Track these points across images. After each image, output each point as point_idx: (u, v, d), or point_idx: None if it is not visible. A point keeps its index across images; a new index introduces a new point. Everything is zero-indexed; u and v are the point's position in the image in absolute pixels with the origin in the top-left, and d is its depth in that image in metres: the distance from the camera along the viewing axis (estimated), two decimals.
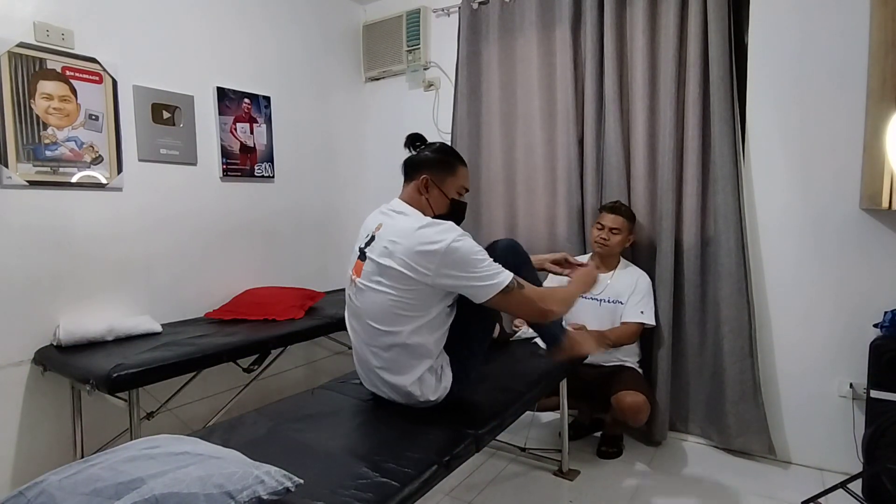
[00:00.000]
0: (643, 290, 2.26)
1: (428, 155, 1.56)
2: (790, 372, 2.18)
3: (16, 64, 1.86)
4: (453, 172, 1.56)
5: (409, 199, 1.53)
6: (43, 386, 1.96)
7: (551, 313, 1.47)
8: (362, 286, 1.45)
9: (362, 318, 1.47)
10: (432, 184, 1.52)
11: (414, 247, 1.34)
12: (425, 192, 1.52)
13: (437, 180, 1.52)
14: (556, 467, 2.16)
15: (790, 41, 2.08)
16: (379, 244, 1.42)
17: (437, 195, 1.53)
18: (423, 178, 1.51)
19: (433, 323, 1.43)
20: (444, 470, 1.24)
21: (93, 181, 2.08)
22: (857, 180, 1.99)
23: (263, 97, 2.74)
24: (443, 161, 1.55)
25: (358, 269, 1.49)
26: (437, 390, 1.47)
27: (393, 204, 1.54)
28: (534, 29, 2.61)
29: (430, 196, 1.52)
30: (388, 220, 1.47)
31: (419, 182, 1.51)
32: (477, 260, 1.35)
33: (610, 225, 2.25)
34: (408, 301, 1.38)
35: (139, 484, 0.90)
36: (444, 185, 1.54)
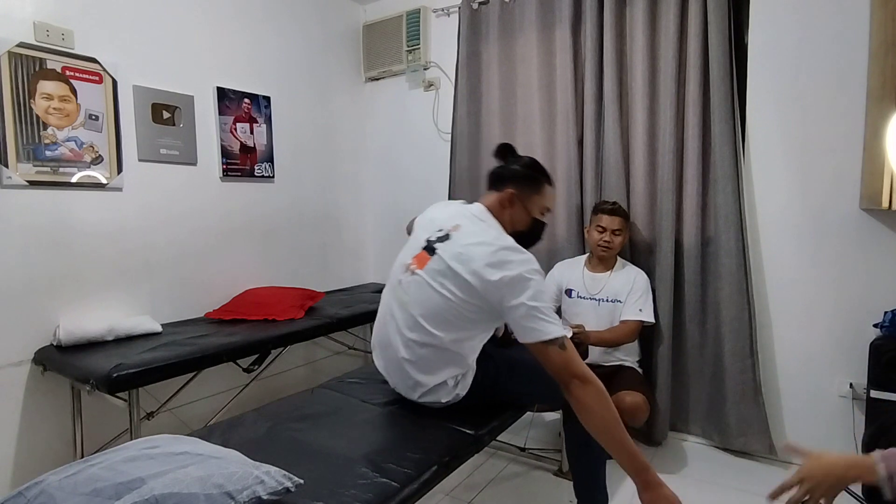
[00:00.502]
0: (641, 288, 2.26)
1: (517, 169, 1.53)
2: (790, 372, 2.18)
3: (16, 64, 1.86)
4: (540, 191, 1.53)
5: (492, 209, 1.50)
6: (43, 386, 1.96)
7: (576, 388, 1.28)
8: (422, 280, 1.40)
9: (408, 310, 1.43)
10: (517, 199, 1.49)
11: (490, 264, 1.31)
12: (509, 207, 1.49)
13: (522, 196, 1.50)
14: (556, 467, 2.16)
15: (790, 41, 2.08)
16: (454, 247, 1.38)
17: (520, 211, 1.51)
18: (510, 193, 1.48)
19: (478, 337, 1.43)
20: (443, 470, 1.24)
21: (93, 181, 2.08)
22: (857, 180, 1.99)
23: (263, 97, 2.74)
24: (531, 178, 1.52)
25: (422, 260, 1.43)
26: (450, 395, 1.46)
27: (474, 209, 1.50)
28: (534, 29, 2.61)
29: (513, 211, 1.50)
30: (468, 224, 1.43)
31: (504, 195, 1.49)
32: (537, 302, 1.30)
33: (611, 227, 2.24)
34: (465, 312, 1.36)
35: (139, 484, 0.90)
36: (529, 202, 1.51)
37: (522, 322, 1.29)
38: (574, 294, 2.35)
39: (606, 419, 1.27)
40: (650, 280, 2.31)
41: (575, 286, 2.36)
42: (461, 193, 2.87)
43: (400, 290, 1.47)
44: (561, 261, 2.50)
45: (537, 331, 1.28)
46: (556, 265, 2.48)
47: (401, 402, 1.55)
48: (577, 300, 2.34)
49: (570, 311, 2.37)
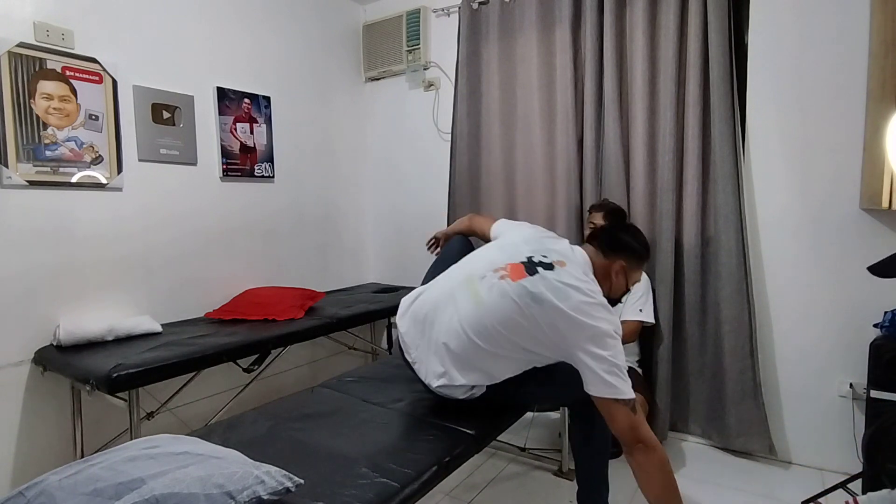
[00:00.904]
0: (641, 288, 2.25)
1: (634, 244, 1.54)
2: (790, 372, 2.18)
3: (16, 64, 1.86)
4: (640, 267, 1.57)
5: (598, 272, 1.49)
6: (43, 386, 1.96)
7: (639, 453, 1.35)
8: (509, 291, 1.37)
9: (479, 308, 1.40)
10: (624, 273, 1.51)
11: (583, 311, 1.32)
12: (614, 278, 1.51)
13: (629, 270, 1.52)
14: (556, 467, 2.16)
15: (790, 41, 2.08)
16: (556, 279, 1.37)
17: (621, 282, 1.53)
18: (622, 266, 1.50)
19: (521, 369, 1.44)
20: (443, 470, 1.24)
21: (93, 181, 2.08)
22: (857, 180, 1.99)
23: (263, 97, 2.74)
24: (641, 257, 1.55)
25: (517, 272, 1.41)
26: (467, 393, 1.46)
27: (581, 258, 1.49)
28: (534, 29, 2.61)
29: (617, 281, 1.52)
30: (575, 269, 1.42)
31: (617, 266, 1.50)
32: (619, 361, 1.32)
33: (601, 223, 2.23)
34: (528, 343, 1.37)
35: (139, 484, 0.90)
36: (631, 276, 1.54)
37: (603, 375, 1.29)
38: None
39: (666, 489, 1.34)
40: (650, 280, 2.31)
41: None
42: (461, 193, 2.87)
43: (480, 284, 1.44)
44: None
45: (615, 388, 1.29)
46: None
47: (401, 401, 1.55)
48: None
49: None
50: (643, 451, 1.32)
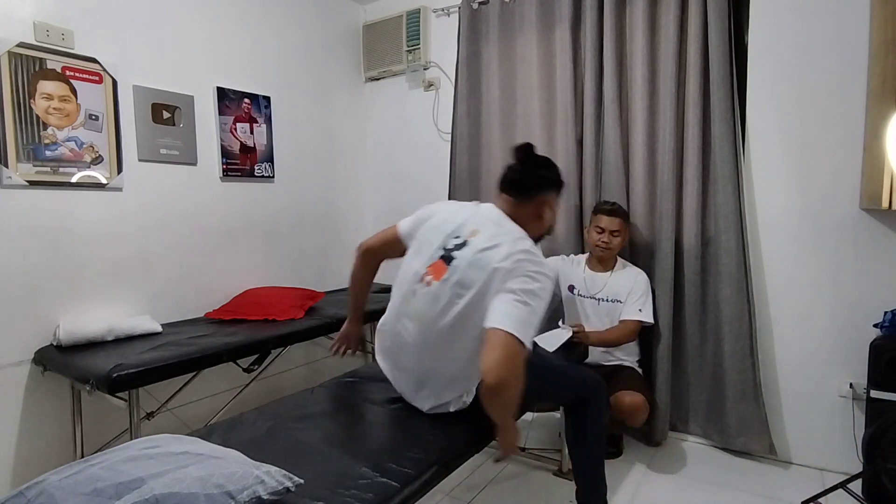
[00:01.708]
0: (641, 288, 2.26)
1: (549, 175, 1.49)
2: (790, 372, 2.18)
3: (16, 64, 1.86)
4: (561, 192, 1.54)
5: (521, 219, 1.43)
6: (43, 386, 1.96)
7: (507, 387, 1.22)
8: (439, 292, 1.35)
9: (424, 323, 1.38)
10: (549, 208, 1.48)
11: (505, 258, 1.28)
12: (542, 215, 1.47)
13: (551, 204, 1.50)
14: (556, 467, 2.16)
15: (790, 41, 2.08)
16: (471, 252, 1.33)
17: (549, 218, 1.51)
18: (545, 203, 1.47)
19: None
20: (443, 470, 1.24)
21: (93, 181, 2.08)
22: (857, 180, 1.99)
23: (263, 97, 2.74)
24: (560, 183, 1.52)
25: (438, 270, 1.37)
26: (458, 404, 1.46)
27: (493, 214, 1.43)
28: (534, 29, 2.61)
29: (544, 219, 1.48)
30: (485, 230, 1.37)
31: (540, 205, 1.46)
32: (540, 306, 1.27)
33: (610, 228, 2.24)
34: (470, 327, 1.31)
35: (139, 484, 0.90)
36: (556, 207, 1.53)
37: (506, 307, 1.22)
38: (575, 291, 2.35)
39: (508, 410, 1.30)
40: (650, 280, 2.31)
41: (577, 284, 2.36)
42: (461, 193, 2.87)
43: (415, 301, 1.41)
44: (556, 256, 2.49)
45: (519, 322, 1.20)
46: (553, 258, 2.47)
47: (401, 401, 1.55)
48: (577, 298, 2.34)
49: (571, 309, 2.37)
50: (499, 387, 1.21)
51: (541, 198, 1.45)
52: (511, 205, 1.45)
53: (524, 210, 1.44)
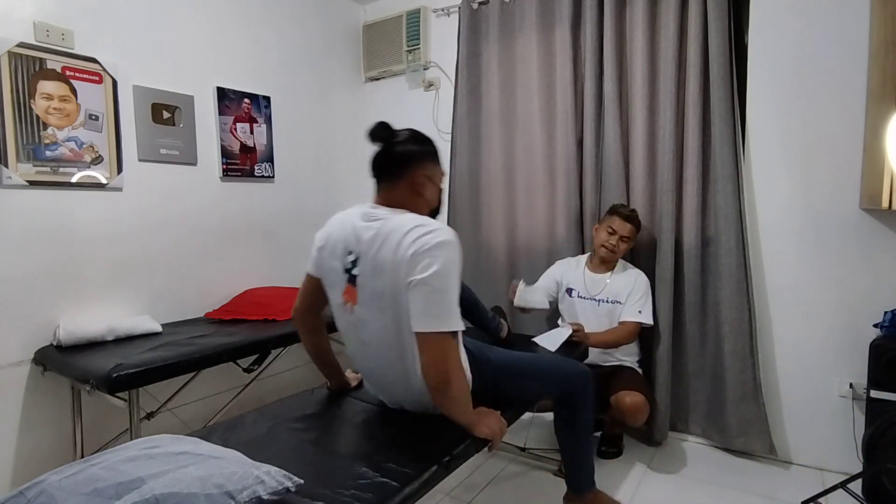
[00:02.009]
0: (641, 290, 2.26)
1: (415, 148, 1.38)
2: (790, 372, 2.18)
3: (16, 64, 1.86)
4: (438, 160, 1.43)
5: (400, 202, 1.34)
6: (43, 386, 1.96)
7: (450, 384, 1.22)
8: (364, 314, 1.32)
9: (375, 344, 1.35)
10: (428, 179, 1.37)
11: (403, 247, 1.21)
12: (421, 191, 1.37)
13: (429, 175, 1.38)
14: (556, 467, 2.16)
15: (790, 41, 2.08)
16: (369, 266, 1.27)
17: (431, 191, 1.40)
18: (420, 176, 1.35)
19: None
20: (443, 470, 1.24)
21: (93, 181, 2.08)
22: (857, 180, 1.99)
23: (263, 97, 2.74)
24: (431, 152, 1.41)
25: (350, 294, 1.33)
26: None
27: (374, 211, 1.34)
28: (534, 29, 2.61)
29: (425, 193, 1.38)
30: (371, 231, 1.29)
31: (414, 181, 1.35)
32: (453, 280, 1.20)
33: (622, 232, 2.23)
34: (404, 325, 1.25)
35: (139, 484, 0.90)
36: (435, 177, 1.41)
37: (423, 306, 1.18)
38: (574, 294, 2.35)
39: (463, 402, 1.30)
40: (650, 280, 2.31)
41: (576, 286, 2.36)
42: (461, 193, 2.87)
43: (354, 331, 1.39)
44: (561, 259, 2.50)
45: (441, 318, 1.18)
46: (557, 262, 2.48)
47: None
48: (577, 300, 2.34)
49: (570, 311, 2.37)
50: (450, 388, 1.22)
51: (411, 173, 1.35)
52: (385, 191, 1.37)
53: (399, 192, 1.35)
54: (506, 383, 1.51)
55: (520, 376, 1.54)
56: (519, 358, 1.63)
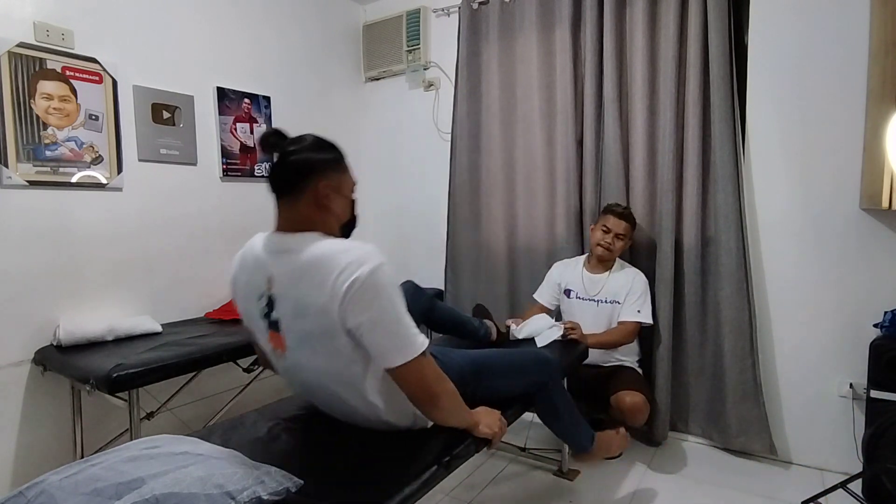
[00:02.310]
0: (639, 289, 2.25)
1: (315, 156, 1.18)
2: (790, 372, 2.18)
3: (16, 64, 1.86)
4: (344, 167, 1.24)
5: (306, 220, 1.16)
6: (43, 386, 1.96)
7: (439, 399, 1.19)
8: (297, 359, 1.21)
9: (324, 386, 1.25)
10: (332, 191, 1.18)
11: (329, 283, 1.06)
12: (328, 205, 1.18)
13: (335, 186, 1.19)
14: (556, 467, 2.16)
15: (790, 41, 2.08)
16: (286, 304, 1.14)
17: (340, 204, 1.22)
18: (325, 188, 1.16)
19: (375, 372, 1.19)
20: (443, 470, 1.24)
21: (93, 181, 2.08)
22: (857, 180, 1.99)
23: (263, 97, 2.74)
24: (335, 159, 1.22)
25: (276, 340, 1.21)
26: (421, 423, 1.35)
27: (279, 241, 1.18)
28: (534, 29, 2.61)
29: (332, 207, 1.19)
30: (281, 267, 1.15)
31: (318, 194, 1.16)
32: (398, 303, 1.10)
33: (616, 230, 2.23)
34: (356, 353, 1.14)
35: (139, 484, 0.90)
36: (343, 187, 1.23)
37: (382, 340, 1.09)
38: (573, 295, 2.35)
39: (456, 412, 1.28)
40: (650, 280, 2.31)
41: (574, 287, 2.36)
42: (461, 193, 2.87)
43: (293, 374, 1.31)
44: (559, 260, 2.50)
45: (407, 345, 1.11)
46: (555, 264, 2.49)
47: None
48: (575, 301, 2.34)
49: (569, 312, 2.37)
50: (439, 407, 1.20)
51: (314, 185, 1.16)
52: (286, 210, 1.19)
53: (303, 209, 1.17)
54: (478, 383, 1.46)
55: (491, 375, 1.50)
56: (487, 355, 1.58)
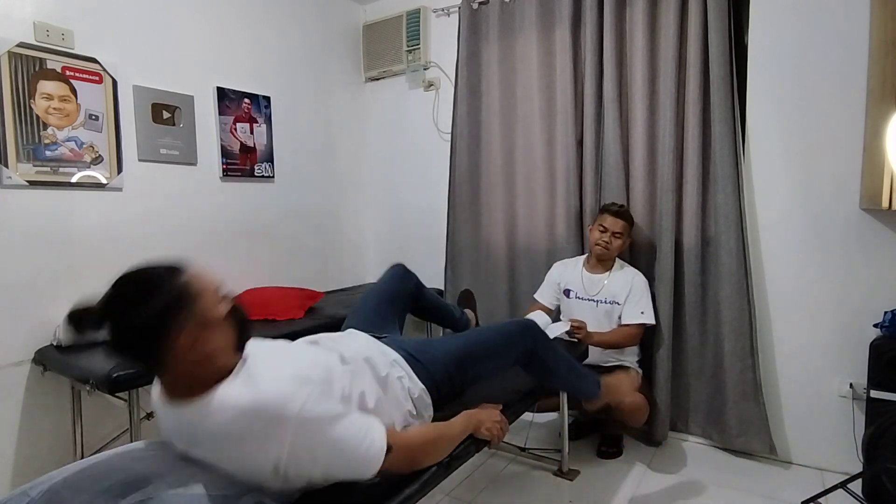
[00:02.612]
0: (640, 290, 2.25)
1: (143, 318, 0.89)
2: (790, 372, 2.18)
3: (16, 64, 1.86)
4: (190, 294, 0.93)
5: (192, 386, 0.94)
6: (43, 386, 1.95)
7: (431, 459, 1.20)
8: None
9: None
10: (197, 337, 0.92)
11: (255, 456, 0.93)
12: (203, 353, 0.93)
13: (196, 327, 0.92)
14: (556, 467, 2.16)
15: (790, 41, 2.09)
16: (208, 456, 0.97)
17: (214, 337, 0.95)
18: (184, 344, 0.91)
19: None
20: (443, 470, 1.24)
21: (93, 181, 2.08)
22: (857, 180, 1.99)
23: (263, 97, 2.74)
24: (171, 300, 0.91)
25: None
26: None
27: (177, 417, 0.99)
28: (534, 29, 2.61)
29: (209, 349, 0.94)
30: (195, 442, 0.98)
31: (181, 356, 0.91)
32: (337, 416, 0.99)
33: (613, 229, 2.23)
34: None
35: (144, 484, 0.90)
36: (205, 318, 0.94)
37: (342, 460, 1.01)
38: (573, 295, 2.35)
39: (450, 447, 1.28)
40: (650, 280, 2.31)
41: (573, 287, 2.36)
42: (461, 193, 2.87)
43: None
44: (560, 260, 2.50)
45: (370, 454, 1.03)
46: (555, 264, 2.49)
47: None
48: (575, 301, 2.34)
49: (569, 312, 2.37)
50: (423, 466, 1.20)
51: (168, 349, 0.90)
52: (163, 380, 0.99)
53: (179, 375, 0.95)
54: (464, 374, 1.47)
55: (475, 361, 1.50)
56: (466, 343, 1.56)
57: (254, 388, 0.94)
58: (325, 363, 1.15)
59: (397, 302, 1.74)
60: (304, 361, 1.12)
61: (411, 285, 1.82)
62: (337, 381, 1.12)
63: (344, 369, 1.17)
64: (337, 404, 1.04)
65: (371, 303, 1.71)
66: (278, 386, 0.95)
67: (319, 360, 1.15)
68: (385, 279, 1.79)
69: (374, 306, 1.69)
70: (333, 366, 1.16)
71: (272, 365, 1.03)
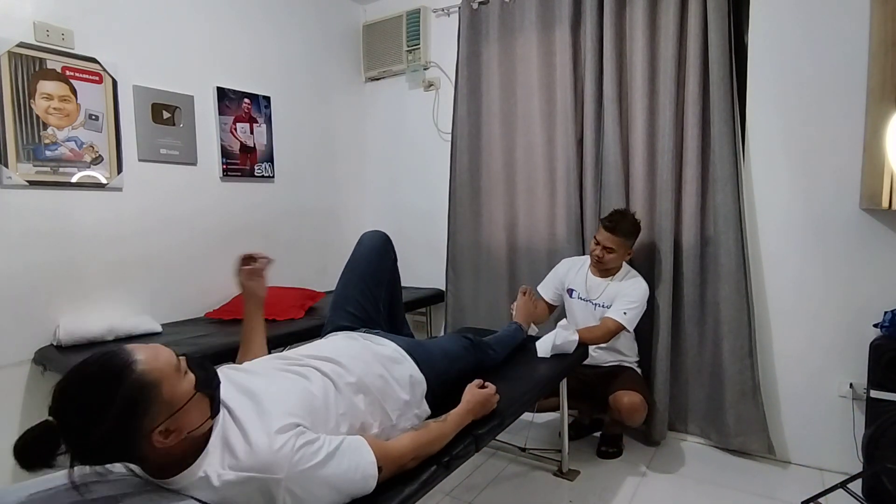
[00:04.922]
0: (634, 296, 2.17)
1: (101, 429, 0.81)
2: (790, 372, 2.18)
3: (16, 64, 1.86)
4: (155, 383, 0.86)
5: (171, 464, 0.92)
6: (43, 386, 1.95)
7: (424, 455, 1.21)
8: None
9: None
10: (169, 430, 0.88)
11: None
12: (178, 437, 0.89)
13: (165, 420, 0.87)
14: (556, 467, 2.16)
15: (790, 41, 2.08)
16: None
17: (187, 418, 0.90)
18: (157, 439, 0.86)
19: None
20: (443, 470, 1.24)
21: (93, 181, 2.08)
22: (857, 180, 1.98)
23: (263, 97, 2.74)
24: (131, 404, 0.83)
25: None
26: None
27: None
28: (534, 29, 2.61)
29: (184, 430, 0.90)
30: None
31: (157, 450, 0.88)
32: (326, 458, 0.97)
33: (605, 244, 2.18)
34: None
35: None
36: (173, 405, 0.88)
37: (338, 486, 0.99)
38: (574, 294, 2.35)
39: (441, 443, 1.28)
40: (649, 280, 2.29)
41: (577, 287, 2.35)
42: (461, 193, 2.88)
43: None
44: (568, 258, 2.48)
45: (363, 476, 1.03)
46: (564, 260, 2.46)
47: None
48: (575, 301, 2.34)
49: (569, 311, 2.37)
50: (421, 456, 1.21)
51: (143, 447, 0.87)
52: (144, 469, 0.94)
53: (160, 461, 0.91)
54: (449, 371, 1.59)
55: (453, 361, 1.64)
56: (451, 346, 1.70)
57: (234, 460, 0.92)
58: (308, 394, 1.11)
59: (380, 276, 1.76)
60: (285, 405, 1.03)
61: (390, 262, 1.83)
62: (332, 407, 1.13)
63: (336, 395, 1.17)
64: (325, 438, 1.01)
65: (354, 289, 1.71)
66: (260, 450, 0.92)
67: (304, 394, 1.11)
68: (364, 253, 1.78)
69: (360, 292, 1.71)
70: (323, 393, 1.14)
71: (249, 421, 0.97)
